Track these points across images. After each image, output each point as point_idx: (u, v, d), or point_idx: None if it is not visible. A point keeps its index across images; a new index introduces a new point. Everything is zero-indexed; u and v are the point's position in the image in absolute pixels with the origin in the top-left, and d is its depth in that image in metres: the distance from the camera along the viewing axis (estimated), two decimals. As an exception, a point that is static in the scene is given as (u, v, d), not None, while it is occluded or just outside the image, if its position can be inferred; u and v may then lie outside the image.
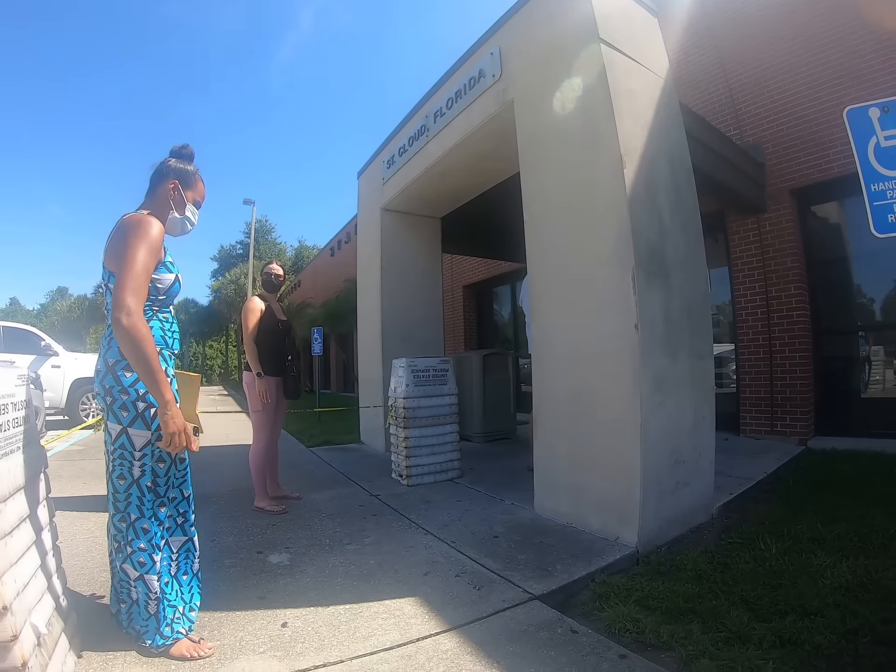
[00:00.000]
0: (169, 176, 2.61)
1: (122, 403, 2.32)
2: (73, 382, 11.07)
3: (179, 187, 2.62)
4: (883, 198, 2.76)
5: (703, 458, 4.31)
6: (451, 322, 15.99)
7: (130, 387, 2.32)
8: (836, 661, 2.33)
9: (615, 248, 3.92)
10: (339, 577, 3.31)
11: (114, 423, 2.34)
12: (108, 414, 2.36)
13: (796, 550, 3.49)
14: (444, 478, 5.81)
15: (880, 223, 2.75)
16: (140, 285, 2.24)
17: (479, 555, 3.60)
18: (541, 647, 2.51)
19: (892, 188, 2.73)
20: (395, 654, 2.46)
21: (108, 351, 2.37)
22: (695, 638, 2.55)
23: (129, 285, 2.19)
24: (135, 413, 2.33)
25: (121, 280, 2.20)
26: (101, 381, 2.37)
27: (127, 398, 2.32)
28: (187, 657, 2.39)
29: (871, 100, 2.92)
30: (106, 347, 2.40)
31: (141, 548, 2.36)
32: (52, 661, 2.03)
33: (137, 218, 2.38)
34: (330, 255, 26.37)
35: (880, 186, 2.77)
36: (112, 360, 2.35)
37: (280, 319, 5.00)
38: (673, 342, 4.07)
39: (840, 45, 6.99)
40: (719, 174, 6.48)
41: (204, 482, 5.63)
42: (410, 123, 7.25)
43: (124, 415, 2.32)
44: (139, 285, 2.23)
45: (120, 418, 2.33)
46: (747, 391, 8.03)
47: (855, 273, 7.52)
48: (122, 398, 2.32)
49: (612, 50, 4.14)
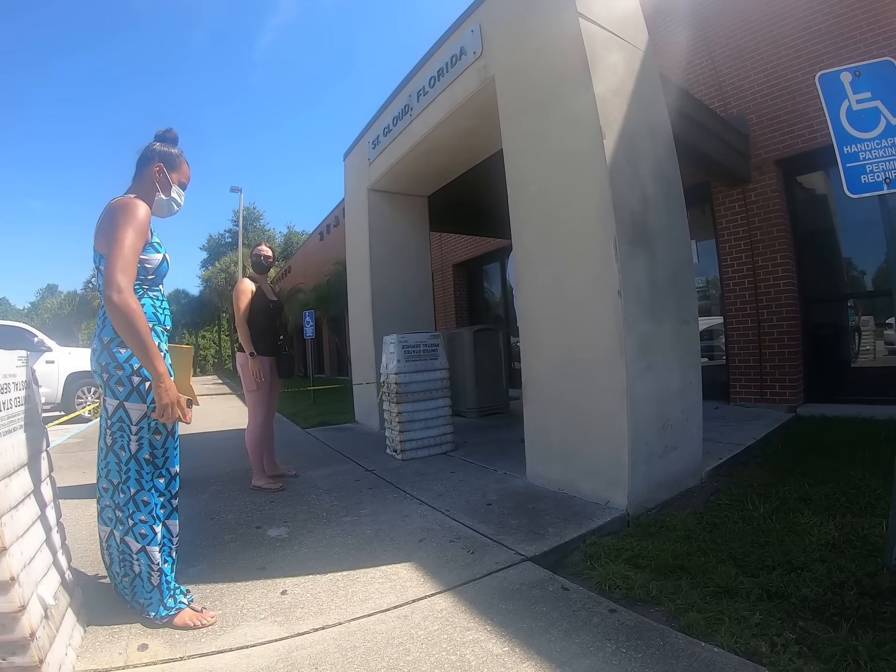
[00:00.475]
0: (154, 159, 2.65)
1: (117, 379, 2.39)
2: (68, 377, 11.11)
3: (164, 169, 2.67)
4: (855, 159, 2.80)
5: (690, 422, 4.39)
6: (442, 301, 16.03)
7: (125, 362, 2.38)
8: (823, 612, 2.41)
9: (597, 218, 3.97)
10: (337, 546, 3.39)
11: (111, 398, 2.41)
12: (105, 390, 2.43)
13: (784, 510, 3.57)
14: (438, 451, 5.88)
15: (853, 184, 2.80)
16: (129, 264, 2.29)
17: (472, 521, 3.68)
18: (533, 603, 2.58)
19: (864, 150, 2.78)
20: (392, 615, 2.54)
21: (103, 329, 2.43)
22: (683, 593, 2.63)
23: (118, 264, 2.24)
24: (130, 387, 2.39)
25: (110, 260, 2.26)
26: (97, 358, 2.44)
27: (122, 373, 2.38)
28: (190, 626, 2.46)
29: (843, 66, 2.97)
30: (101, 326, 2.46)
31: (142, 520, 2.43)
32: (59, 634, 2.10)
33: (124, 201, 2.42)
34: (319, 239, 26.22)
35: (853, 148, 2.82)
36: (107, 338, 2.41)
37: (271, 299, 5.03)
38: (657, 308, 4.13)
39: (823, 15, 6.99)
40: (703, 145, 6.50)
41: (202, 465, 5.72)
42: (394, 103, 7.24)
43: (120, 389, 2.39)
44: (128, 264, 2.29)
45: (116, 393, 2.39)
46: (736, 360, 8.09)
47: (842, 242, 7.57)
48: (117, 374, 2.39)
49: (590, 24, 4.16)
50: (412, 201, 8.56)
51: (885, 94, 2.75)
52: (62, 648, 2.09)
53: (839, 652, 2.07)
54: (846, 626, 2.24)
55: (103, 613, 2.56)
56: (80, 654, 2.25)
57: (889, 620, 2.27)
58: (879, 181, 2.71)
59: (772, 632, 2.25)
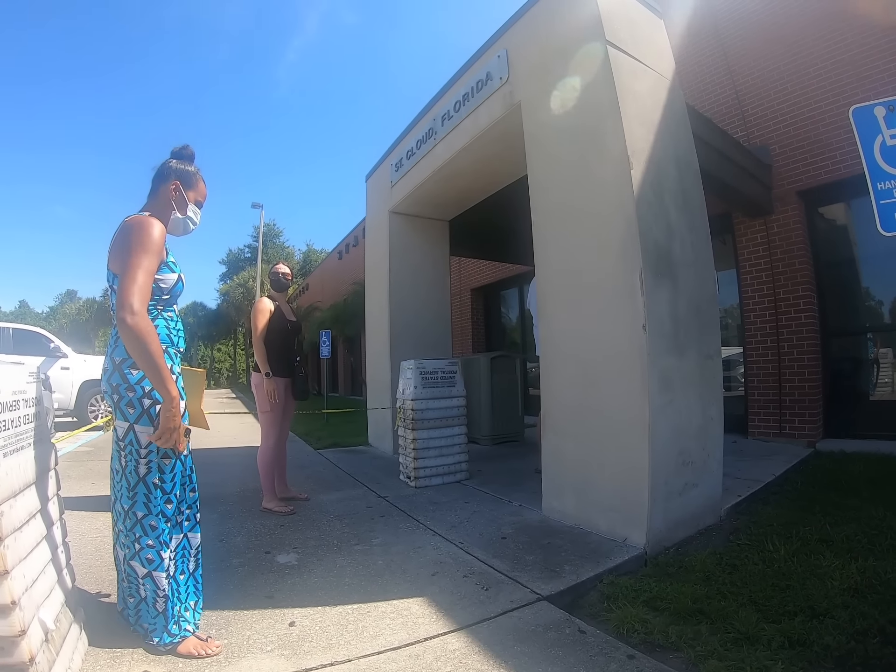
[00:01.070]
0: (170, 177, 2.64)
1: (128, 401, 2.35)
2: (83, 384, 11.10)
3: (181, 188, 2.65)
4: (889, 196, 2.75)
5: (711, 458, 4.29)
6: (459, 325, 15.99)
7: (136, 384, 2.35)
8: (846, 662, 2.32)
9: (623, 249, 3.92)
10: (348, 577, 3.32)
11: (121, 420, 2.37)
12: (115, 412, 2.39)
13: (805, 552, 3.48)
14: (452, 479, 5.81)
15: (887, 221, 2.75)
16: (143, 286, 2.27)
17: (486, 556, 3.60)
18: (549, 647, 2.50)
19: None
20: (403, 654, 2.46)
21: (115, 350, 2.40)
22: (703, 639, 2.55)
23: (133, 286, 2.23)
24: (140, 410, 2.35)
25: (124, 282, 2.24)
26: (108, 379, 2.40)
27: (133, 395, 2.35)
28: (195, 655, 2.39)
29: (877, 100, 2.92)
30: (112, 346, 2.43)
31: (149, 545, 2.37)
32: (59, 658, 2.04)
33: (139, 220, 2.41)
34: (338, 258, 26.34)
35: (887, 185, 2.77)
36: (119, 359, 2.38)
37: (289, 320, 5.01)
38: (681, 342, 4.06)
39: (846, 46, 6.97)
40: (726, 176, 6.46)
41: (213, 483, 5.67)
42: (418, 126, 7.26)
43: (130, 412, 2.35)
44: (142, 286, 2.27)
45: (126, 415, 2.35)
46: (755, 393, 7.99)
47: (863, 274, 7.50)
48: (128, 395, 2.35)
49: (617, 51, 4.15)
50: (433, 225, 8.56)
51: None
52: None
53: (863, 704, 1.99)
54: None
55: (105, 635, 2.50)
56: (81, 679, 2.18)
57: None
58: (914, 219, 2.65)
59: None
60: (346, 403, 17.11)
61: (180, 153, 2.74)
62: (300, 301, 32.43)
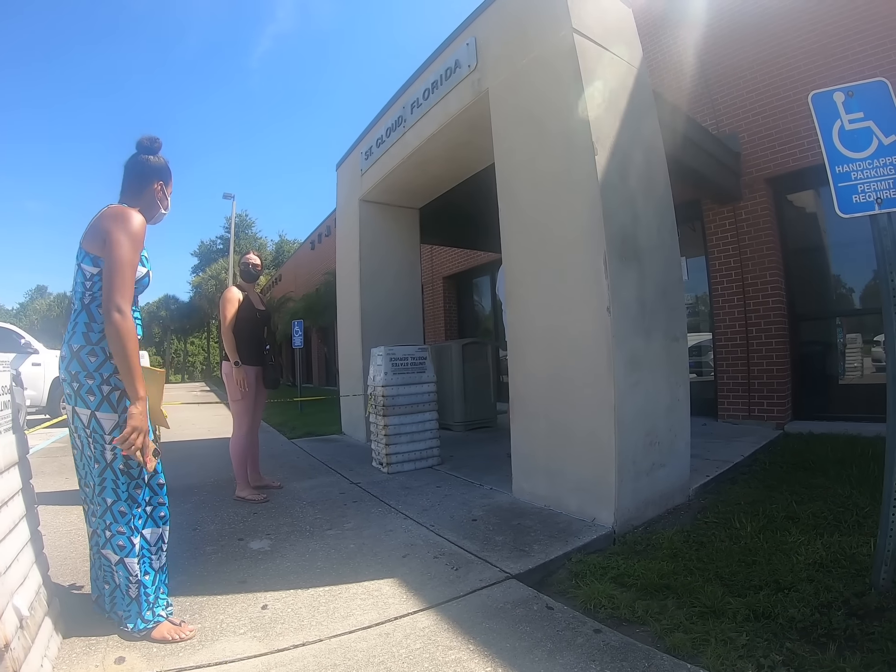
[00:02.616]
0: (152, 177, 2.67)
1: (88, 388, 2.36)
2: (55, 380, 10.94)
3: (163, 186, 2.70)
4: (847, 179, 2.81)
5: (678, 439, 4.38)
6: (432, 313, 16.01)
7: (95, 371, 2.36)
8: (810, 633, 2.39)
9: (588, 234, 3.97)
10: (320, 560, 3.35)
11: (83, 407, 2.37)
12: (75, 399, 2.38)
13: (771, 528, 3.57)
14: (424, 465, 5.85)
15: (845, 204, 2.80)
16: (129, 283, 2.32)
17: (457, 537, 3.65)
18: (517, 623, 2.55)
19: (856, 170, 2.78)
20: (373, 633, 2.50)
21: (73, 336, 2.41)
22: (669, 613, 2.62)
23: (121, 284, 2.27)
24: (101, 396, 2.36)
25: (113, 277, 2.27)
26: (66, 366, 2.40)
27: (93, 382, 2.36)
28: (168, 640, 2.42)
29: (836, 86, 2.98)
30: (70, 333, 2.43)
31: (119, 531, 2.38)
32: (35, 645, 2.05)
33: (128, 212, 2.42)
34: (310, 248, 26.18)
35: (844, 168, 2.82)
36: (77, 346, 2.39)
37: (258, 309, 5.00)
38: (647, 324, 4.13)
39: (816, 35, 7.07)
40: (695, 163, 6.54)
41: (187, 474, 5.67)
42: (388, 114, 7.24)
43: (91, 399, 2.36)
44: (129, 284, 2.31)
45: (87, 402, 2.36)
46: (725, 377, 8.12)
47: (831, 260, 7.64)
48: (88, 383, 2.36)
49: (584, 39, 4.18)
50: (403, 213, 8.56)
51: (878, 114, 2.75)
52: (38, 660, 2.04)
53: (827, 674, 2.05)
54: (834, 647, 2.24)
55: (80, 624, 2.52)
56: (56, 665, 2.21)
57: (877, 641, 2.25)
58: (871, 201, 2.72)
59: (758, 653, 2.23)
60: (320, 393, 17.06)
61: (151, 147, 2.72)
62: (273, 292, 32.18)
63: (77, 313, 2.43)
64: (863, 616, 2.47)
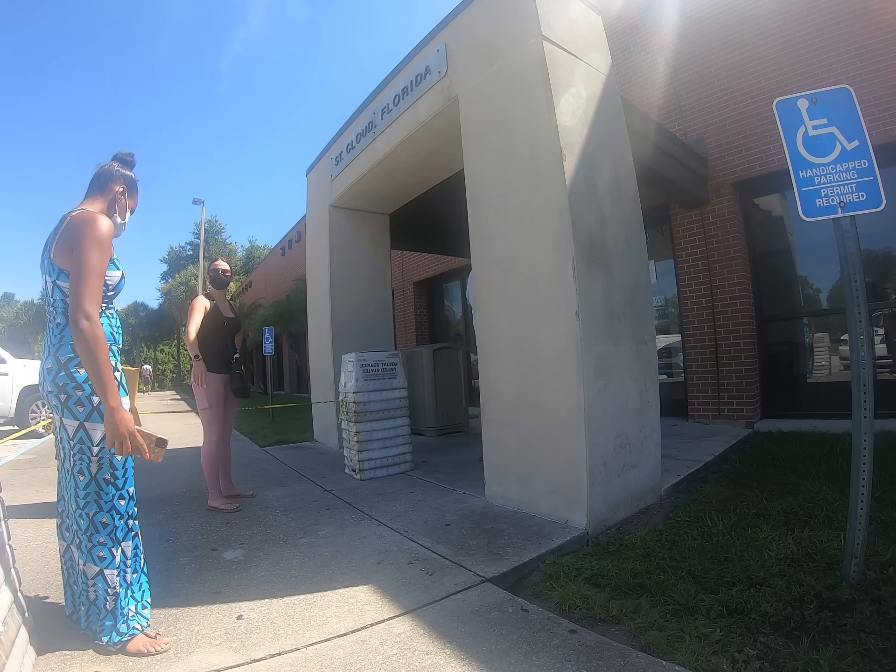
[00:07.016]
0: (118, 180, 2.65)
1: (77, 399, 2.34)
2: (23, 390, 10.77)
3: (126, 193, 2.67)
4: (811, 184, 2.88)
5: (649, 440, 4.44)
6: (403, 319, 15.99)
7: (84, 382, 2.34)
8: (783, 627, 2.43)
9: (556, 239, 4.02)
10: (294, 569, 3.33)
11: (70, 419, 2.35)
12: (62, 411, 2.36)
13: (743, 525, 3.63)
14: (396, 471, 5.85)
15: (808, 207, 2.87)
16: (97, 289, 2.29)
17: (431, 542, 3.66)
18: (492, 626, 2.57)
19: (820, 174, 2.85)
20: (350, 640, 2.50)
21: (60, 349, 2.38)
22: (643, 611, 2.65)
23: (88, 290, 2.24)
24: (90, 407, 2.35)
25: (79, 284, 2.24)
26: (53, 378, 2.37)
27: (82, 393, 2.34)
28: (144, 653, 2.39)
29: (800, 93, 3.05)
30: (57, 345, 2.40)
31: (100, 542, 2.37)
32: (9, 661, 2.01)
33: (91, 216, 2.39)
34: (281, 254, 26.03)
35: (808, 173, 2.89)
36: (65, 358, 2.36)
37: (227, 316, 4.97)
38: (615, 328, 4.19)
39: (783, 42, 7.24)
40: (663, 168, 6.63)
41: (158, 485, 5.61)
42: (358, 120, 7.24)
43: (80, 410, 2.34)
44: (96, 289, 2.29)
45: (76, 413, 2.34)
46: (694, 378, 8.25)
47: (798, 262, 7.84)
48: (76, 394, 2.34)
49: (553, 46, 4.23)
50: (373, 219, 8.56)
51: (841, 121, 2.83)
52: (11, 677, 2.01)
53: (800, 667, 2.10)
54: (807, 640, 2.27)
55: (55, 639, 2.48)
56: (30, 681, 2.16)
57: (849, 633, 2.30)
58: (834, 205, 2.79)
59: (733, 648, 2.26)
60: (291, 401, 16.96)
61: (126, 159, 2.74)
62: (243, 298, 31.96)
63: (62, 327, 2.40)
64: (834, 609, 2.52)
